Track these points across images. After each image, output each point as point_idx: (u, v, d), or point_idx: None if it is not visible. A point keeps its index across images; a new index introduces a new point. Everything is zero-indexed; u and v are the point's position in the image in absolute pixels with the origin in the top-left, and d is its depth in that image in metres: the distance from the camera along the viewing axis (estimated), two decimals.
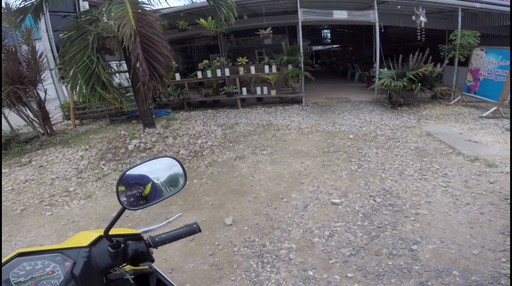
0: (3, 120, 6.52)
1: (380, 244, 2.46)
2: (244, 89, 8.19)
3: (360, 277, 2.18)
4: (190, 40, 12.45)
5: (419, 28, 8.50)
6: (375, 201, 3.10)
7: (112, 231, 0.80)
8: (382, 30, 8.22)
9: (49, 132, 6.63)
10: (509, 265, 2.11)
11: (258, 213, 3.07)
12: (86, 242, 0.75)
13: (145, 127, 5.90)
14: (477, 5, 8.07)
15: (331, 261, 2.37)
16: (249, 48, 12.21)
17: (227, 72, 8.22)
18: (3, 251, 2.90)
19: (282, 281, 2.22)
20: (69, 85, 5.25)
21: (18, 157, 5.49)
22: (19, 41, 6.21)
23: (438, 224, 2.66)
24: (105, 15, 4.92)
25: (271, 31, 8.09)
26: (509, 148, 4.27)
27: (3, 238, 3.13)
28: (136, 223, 3.18)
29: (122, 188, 0.84)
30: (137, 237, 0.88)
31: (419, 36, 8.91)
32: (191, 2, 7.00)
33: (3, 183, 4.54)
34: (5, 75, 5.73)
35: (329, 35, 22.14)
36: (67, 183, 4.29)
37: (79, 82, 4.66)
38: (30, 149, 5.93)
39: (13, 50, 6.19)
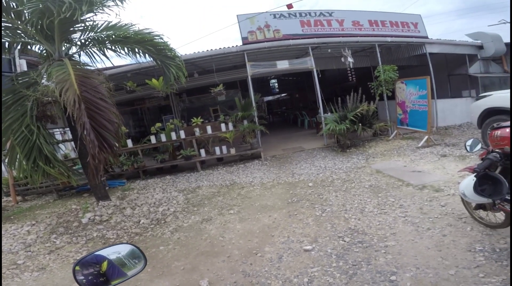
0: None
1: (360, 281, 2.46)
2: (202, 151, 7.88)
3: None
4: (140, 102, 11.93)
5: (348, 68, 9.05)
6: (345, 241, 3.16)
7: None
8: (320, 75, 8.70)
9: None
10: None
11: (235, 271, 2.91)
12: None
13: (99, 201, 5.37)
14: (389, 39, 9.27)
15: None
16: (203, 106, 11.87)
17: (182, 134, 7.87)
18: None
19: None
20: (7, 160, 4.48)
21: None
22: None
23: (409, 252, 2.75)
24: (44, 77, 4.44)
25: (224, 88, 8.07)
26: (447, 172, 4.79)
27: None
28: None
29: (77, 268, 0.87)
30: None
31: (350, 77, 9.57)
32: (137, 62, 6.97)
33: None
34: None
35: (276, 84, 23.00)
36: (14, 256, 3.92)
37: (18, 156, 4.08)
38: None
39: None
